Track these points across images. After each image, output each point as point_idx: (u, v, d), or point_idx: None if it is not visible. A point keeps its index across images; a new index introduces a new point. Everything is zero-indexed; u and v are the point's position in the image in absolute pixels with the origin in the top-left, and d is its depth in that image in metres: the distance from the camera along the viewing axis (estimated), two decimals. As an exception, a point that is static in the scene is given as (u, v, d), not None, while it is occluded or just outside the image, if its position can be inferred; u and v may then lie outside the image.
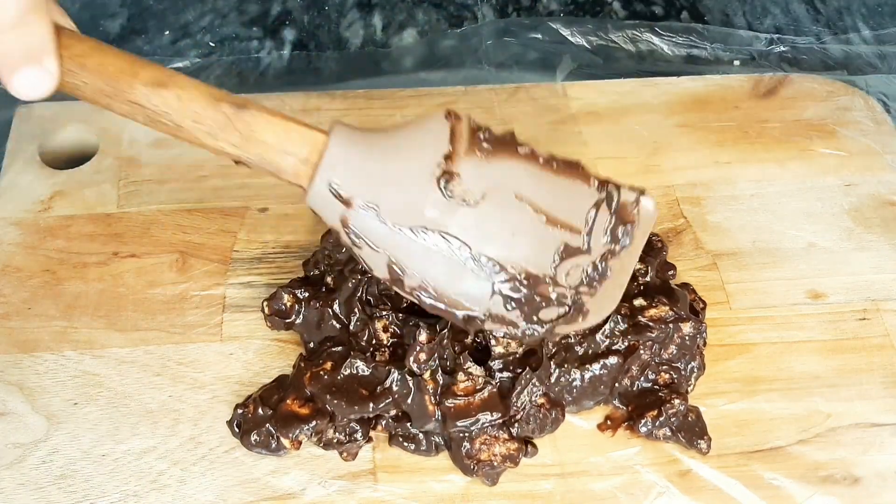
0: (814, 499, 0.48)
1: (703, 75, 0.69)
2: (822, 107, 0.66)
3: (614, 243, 0.44)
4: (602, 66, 0.71)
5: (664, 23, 0.73)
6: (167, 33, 0.71)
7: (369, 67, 0.72)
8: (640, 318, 0.50)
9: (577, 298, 0.45)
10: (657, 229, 0.58)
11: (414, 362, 0.47)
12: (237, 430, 0.48)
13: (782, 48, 0.72)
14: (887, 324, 0.55)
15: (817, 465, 0.49)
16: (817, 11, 0.75)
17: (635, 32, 0.72)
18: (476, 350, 0.49)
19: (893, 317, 0.55)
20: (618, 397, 0.51)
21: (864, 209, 0.61)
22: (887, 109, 0.67)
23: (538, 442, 0.49)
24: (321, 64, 0.72)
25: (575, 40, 0.71)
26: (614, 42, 0.72)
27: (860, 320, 0.55)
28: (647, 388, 0.51)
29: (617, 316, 0.50)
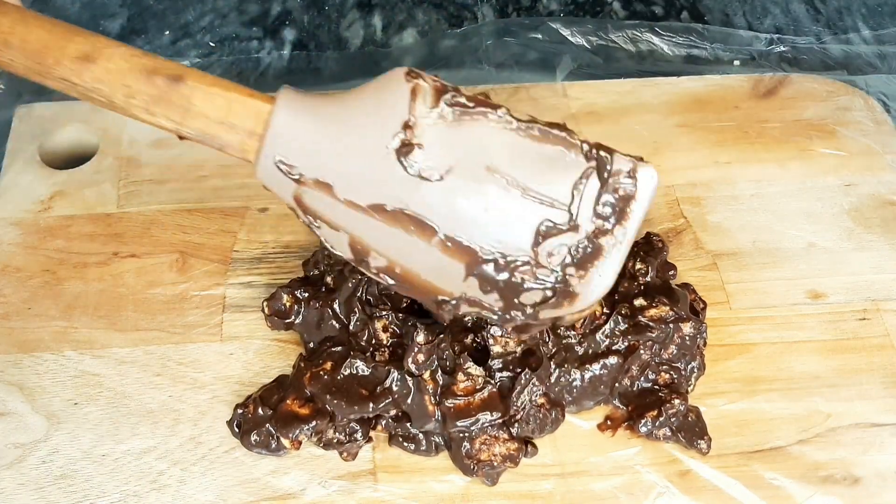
0: (814, 499, 0.48)
1: (703, 75, 0.69)
2: (822, 107, 0.66)
3: (606, 220, 0.39)
4: (602, 66, 0.71)
5: (664, 23, 0.73)
6: (167, 33, 0.71)
7: (369, 67, 0.72)
8: (641, 318, 0.50)
9: (564, 280, 0.40)
10: (657, 229, 0.58)
11: (412, 363, 0.47)
12: (237, 430, 0.48)
13: (782, 48, 0.72)
14: (887, 324, 0.55)
15: (817, 465, 0.49)
16: (817, 11, 0.75)
17: (635, 32, 0.72)
18: (476, 350, 0.49)
19: (893, 317, 0.55)
20: (618, 397, 0.51)
21: (864, 209, 0.60)
22: (887, 109, 0.67)
23: (538, 442, 0.49)
24: (321, 64, 0.72)
25: (575, 40, 0.71)
26: (614, 42, 0.72)
27: (860, 320, 0.55)
28: (647, 388, 0.51)
29: (617, 316, 0.50)
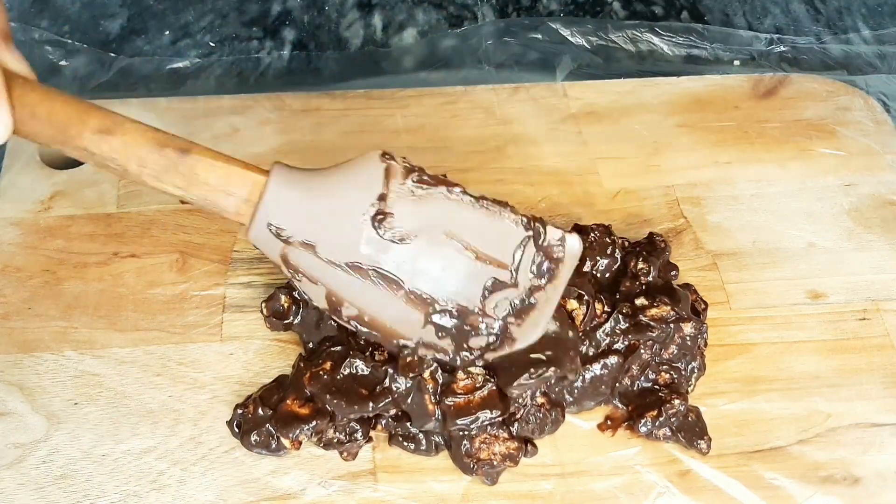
0: (814, 499, 0.48)
1: (703, 75, 0.69)
2: (822, 107, 0.66)
3: (540, 278, 0.47)
4: (602, 66, 0.71)
5: (664, 23, 0.73)
6: (167, 33, 0.71)
7: (369, 67, 0.72)
8: (642, 318, 0.50)
9: (505, 328, 0.47)
10: (658, 229, 0.58)
11: (406, 369, 0.47)
12: (237, 431, 0.48)
13: (782, 48, 0.72)
14: (887, 324, 0.55)
15: (817, 465, 0.49)
16: (817, 11, 0.75)
17: (635, 32, 0.72)
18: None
19: (893, 317, 0.55)
20: (618, 397, 0.51)
21: (864, 209, 0.60)
22: (887, 109, 0.67)
23: (538, 442, 0.49)
24: (321, 64, 0.72)
25: (575, 40, 0.71)
26: (614, 42, 0.72)
27: (860, 320, 0.55)
28: (647, 388, 0.51)
29: (618, 315, 0.50)
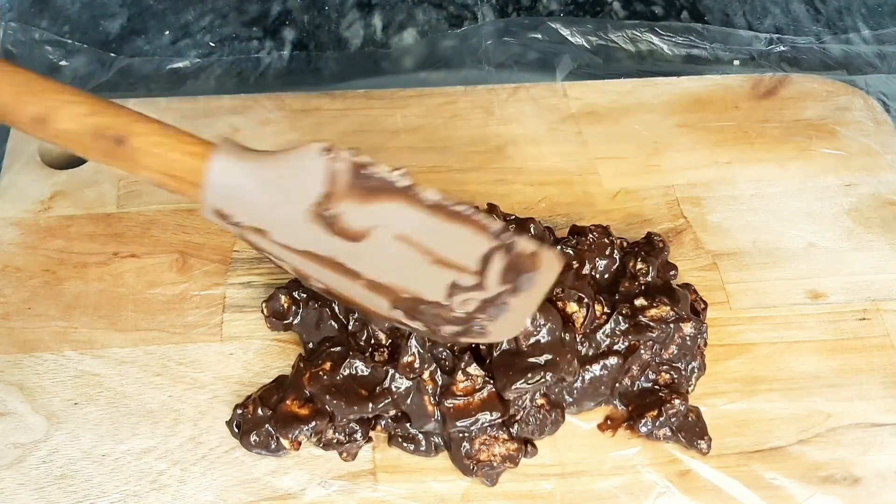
0: (814, 499, 0.48)
1: (703, 75, 0.69)
2: (822, 107, 0.66)
3: (512, 288, 0.45)
4: (602, 66, 0.71)
5: (664, 23, 0.73)
6: (167, 33, 0.71)
7: (369, 67, 0.72)
8: (641, 318, 0.50)
9: (477, 323, 0.46)
10: (658, 229, 0.58)
11: (407, 369, 0.47)
12: (237, 431, 0.48)
13: (782, 48, 0.72)
14: (887, 324, 0.55)
15: (817, 465, 0.49)
16: (817, 11, 0.75)
17: (635, 32, 0.72)
18: (475, 350, 0.49)
19: (893, 317, 0.55)
20: (618, 397, 0.51)
21: (864, 209, 0.60)
22: (887, 109, 0.67)
23: (538, 442, 0.49)
24: (321, 64, 0.72)
25: (575, 40, 0.71)
26: (614, 42, 0.72)
27: (860, 320, 0.55)
28: (647, 388, 0.51)
29: (618, 316, 0.50)
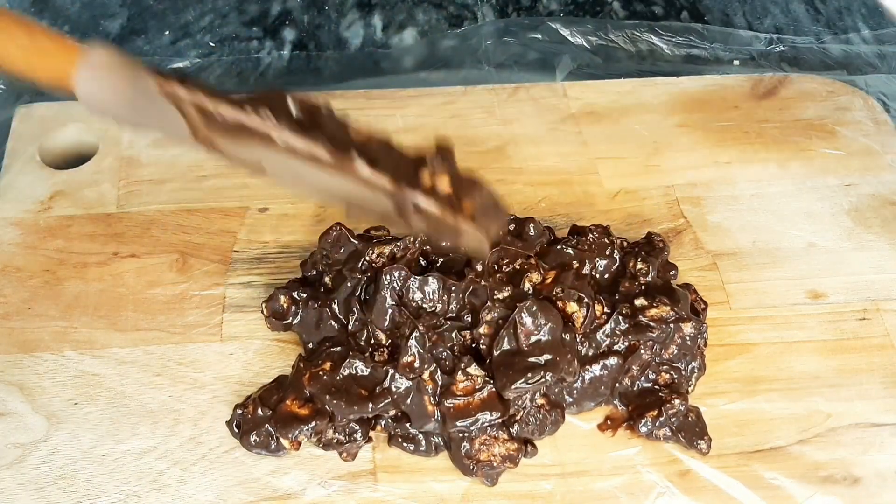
0: (814, 499, 0.48)
1: (703, 75, 0.69)
2: (822, 107, 0.66)
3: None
4: (602, 66, 0.71)
5: (664, 23, 0.73)
6: (167, 33, 0.71)
7: (369, 67, 0.72)
8: (641, 318, 0.50)
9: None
10: (658, 229, 0.58)
11: (407, 369, 0.47)
12: (237, 431, 0.48)
13: (782, 48, 0.72)
14: (887, 324, 0.55)
15: (817, 465, 0.49)
16: (817, 11, 0.75)
17: (635, 32, 0.72)
18: (475, 350, 0.49)
19: (893, 317, 0.55)
20: (618, 397, 0.51)
21: (864, 209, 0.60)
22: (887, 109, 0.67)
23: (538, 442, 0.49)
24: (321, 64, 0.72)
25: (575, 40, 0.71)
26: (614, 42, 0.72)
27: (860, 320, 0.55)
28: (647, 388, 0.51)
29: (618, 316, 0.50)
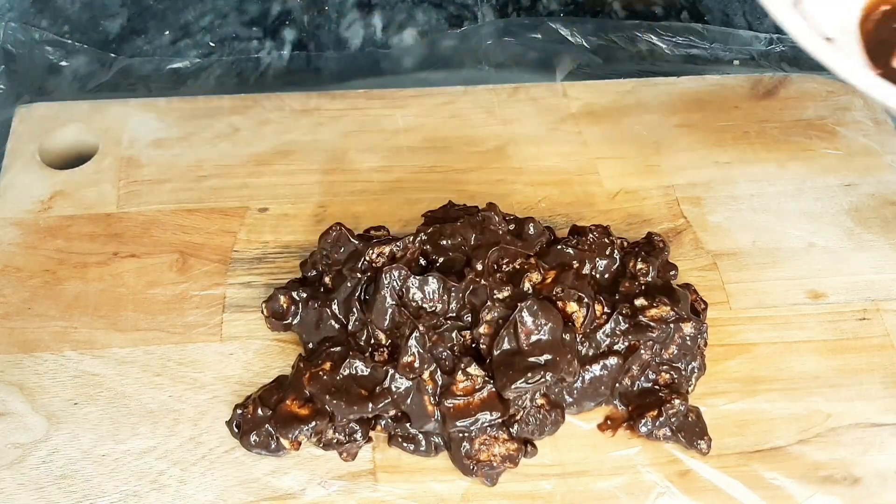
0: (814, 499, 0.48)
1: (703, 75, 0.69)
2: (822, 107, 0.66)
3: None
4: (602, 66, 0.71)
5: (664, 23, 0.73)
6: (167, 33, 0.71)
7: (369, 67, 0.72)
8: (641, 318, 0.50)
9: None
10: (658, 229, 0.58)
11: (407, 369, 0.47)
12: (237, 431, 0.48)
13: (782, 48, 0.72)
14: (887, 324, 0.55)
15: (817, 465, 0.49)
16: (817, 11, 0.75)
17: (635, 32, 0.72)
18: (475, 350, 0.49)
19: (893, 317, 0.55)
20: (618, 397, 0.51)
21: (864, 209, 0.60)
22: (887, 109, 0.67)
23: (538, 442, 0.49)
24: (321, 64, 0.72)
25: (575, 40, 0.71)
26: (614, 42, 0.72)
27: (860, 320, 0.55)
28: (647, 388, 0.51)
29: (618, 316, 0.50)
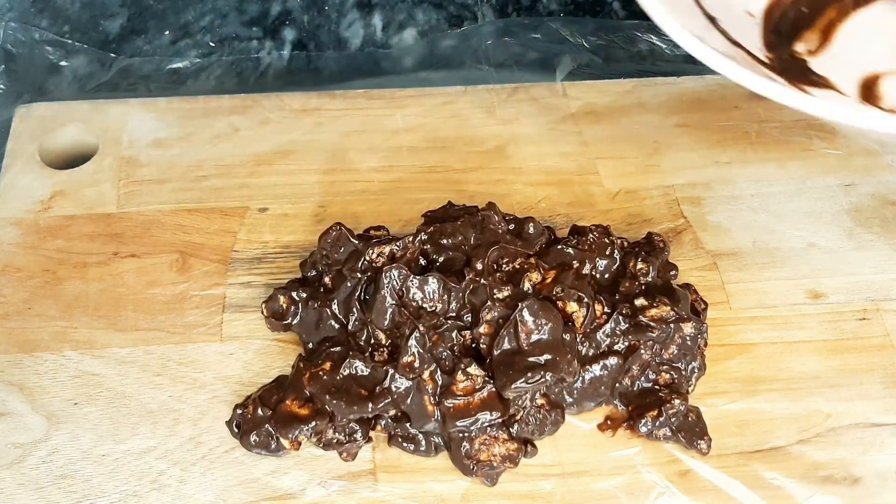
0: (814, 499, 0.48)
1: (703, 75, 0.69)
2: (823, 107, 0.66)
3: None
4: (602, 66, 0.71)
5: (664, 23, 0.72)
6: (167, 33, 0.71)
7: (369, 67, 0.72)
8: (641, 318, 0.50)
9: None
10: (658, 229, 0.58)
11: (407, 369, 0.47)
12: (237, 431, 0.48)
13: (782, 48, 0.72)
14: (887, 324, 0.55)
15: (817, 465, 0.49)
16: (817, 11, 0.75)
17: (635, 32, 0.72)
18: (475, 350, 0.49)
19: (893, 317, 0.55)
20: (618, 397, 0.51)
21: (864, 209, 0.60)
22: (887, 109, 0.67)
23: (538, 442, 0.49)
24: (321, 64, 0.72)
25: (575, 40, 0.71)
26: (614, 42, 0.72)
27: (860, 320, 0.55)
28: (647, 388, 0.51)
29: (618, 316, 0.50)
